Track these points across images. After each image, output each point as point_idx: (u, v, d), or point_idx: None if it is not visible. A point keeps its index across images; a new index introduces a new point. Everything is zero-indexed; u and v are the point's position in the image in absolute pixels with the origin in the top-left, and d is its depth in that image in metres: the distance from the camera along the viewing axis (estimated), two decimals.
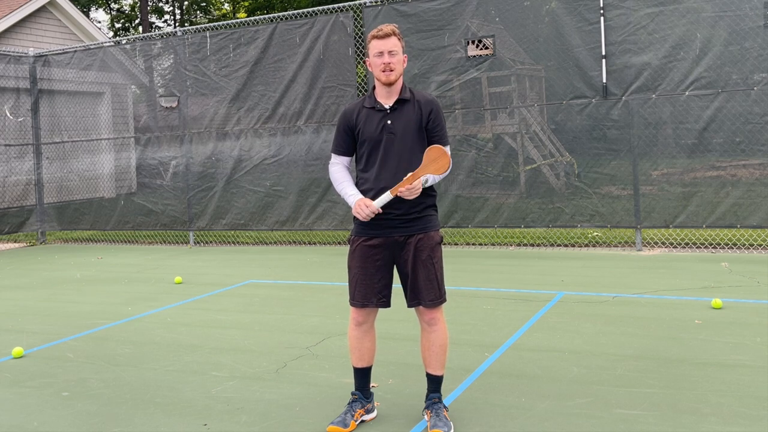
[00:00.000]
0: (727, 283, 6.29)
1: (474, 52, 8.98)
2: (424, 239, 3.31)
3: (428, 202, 3.36)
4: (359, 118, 3.38)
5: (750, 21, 7.69)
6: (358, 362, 3.47)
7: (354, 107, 3.42)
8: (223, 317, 5.89)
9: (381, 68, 3.27)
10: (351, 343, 3.47)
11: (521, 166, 9.17)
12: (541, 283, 6.66)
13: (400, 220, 3.30)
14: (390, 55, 3.27)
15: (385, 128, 3.32)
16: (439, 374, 3.44)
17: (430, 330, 3.38)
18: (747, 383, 3.77)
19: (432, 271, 3.31)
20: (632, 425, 3.30)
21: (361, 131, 3.36)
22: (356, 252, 3.40)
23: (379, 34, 3.28)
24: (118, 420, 3.68)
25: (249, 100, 10.30)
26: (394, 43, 3.28)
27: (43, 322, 6.00)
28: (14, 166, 11.87)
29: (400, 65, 3.30)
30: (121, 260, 9.57)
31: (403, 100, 3.34)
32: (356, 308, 3.40)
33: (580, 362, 4.25)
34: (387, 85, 3.32)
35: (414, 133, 3.32)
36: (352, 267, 3.42)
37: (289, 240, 10.56)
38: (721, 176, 8.03)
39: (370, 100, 3.39)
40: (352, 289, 3.41)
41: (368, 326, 3.43)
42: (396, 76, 3.29)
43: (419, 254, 3.30)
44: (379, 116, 3.34)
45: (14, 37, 14.74)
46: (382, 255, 3.35)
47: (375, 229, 3.34)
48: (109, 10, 40.11)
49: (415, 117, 3.32)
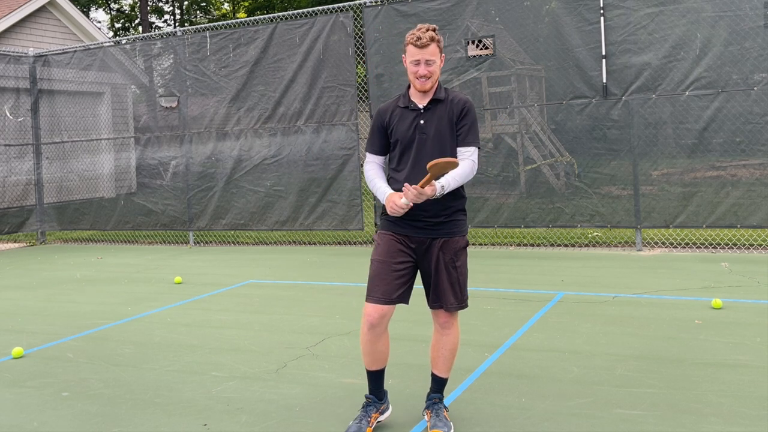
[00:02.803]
0: (727, 283, 6.29)
1: (474, 52, 8.98)
2: (449, 243, 3.27)
3: (457, 206, 3.32)
4: (393, 117, 3.34)
5: (750, 21, 7.69)
6: (372, 365, 3.35)
7: (388, 106, 3.40)
8: (223, 317, 5.89)
9: (417, 76, 3.22)
10: (364, 346, 3.30)
11: (521, 166, 9.17)
12: (541, 283, 6.66)
13: (427, 222, 3.26)
14: (427, 65, 3.21)
15: (417, 128, 3.28)
16: (444, 377, 3.42)
17: (443, 333, 3.35)
18: (747, 383, 3.77)
19: (455, 275, 3.27)
20: (632, 425, 3.30)
21: (394, 130, 3.33)
22: (381, 246, 3.31)
23: (419, 43, 3.18)
24: (118, 420, 3.68)
25: (249, 100, 10.30)
26: (433, 51, 3.20)
27: (43, 322, 6.00)
28: (14, 166, 11.87)
29: (436, 74, 3.25)
30: (121, 260, 9.57)
31: (437, 100, 3.29)
32: (371, 304, 3.23)
33: (580, 362, 4.25)
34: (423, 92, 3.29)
35: (447, 134, 3.27)
36: (375, 261, 3.31)
37: (289, 240, 10.56)
38: (721, 176, 8.03)
39: (404, 99, 3.35)
40: (371, 282, 3.27)
41: (382, 329, 3.26)
42: (432, 83, 3.25)
43: (443, 257, 3.26)
44: (413, 116, 3.30)
45: (14, 37, 14.74)
46: (407, 253, 3.29)
47: (402, 227, 3.29)
48: (109, 10, 40.11)
49: (447, 117, 3.27)
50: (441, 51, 3.28)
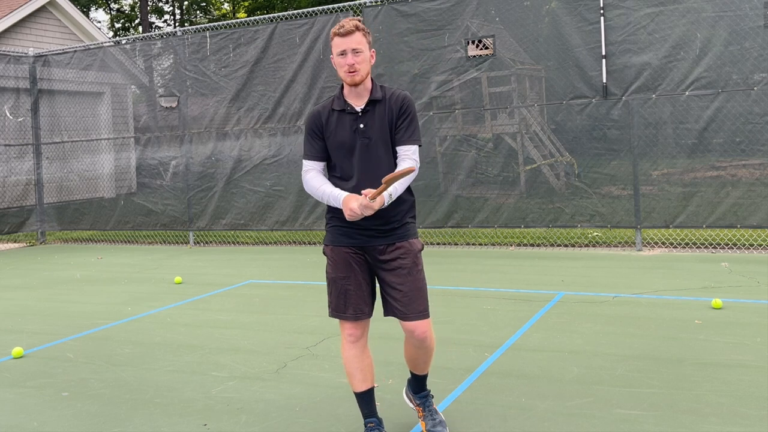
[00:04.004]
0: (727, 283, 6.29)
1: (474, 52, 8.98)
2: (406, 247, 3.07)
3: (406, 208, 3.13)
4: (329, 122, 3.09)
5: (750, 21, 7.69)
6: (362, 385, 3.12)
7: (322, 109, 3.13)
8: (223, 317, 5.89)
9: (345, 69, 2.98)
10: (350, 365, 3.10)
11: (521, 166, 9.17)
12: (541, 283, 6.66)
13: (379, 230, 3.07)
14: (354, 54, 2.97)
15: (358, 132, 3.04)
16: (425, 373, 3.29)
17: (421, 344, 3.11)
18: (747, 383, 3.77)
19: (420, 279, 3.08)
20: (632, 425, 3.30)
21: (333, 136, 3.08)
22: (340, 262, 3.10)
23: (341, 31, 2.97)
24: (118, 420, 3.68)
25: (249, 100, 10.30)
26: (358, 39, 2.98)
27: (43, 322, 6.00)
28: (14, 166, 11.87)
29: (366, 64, 3.01)
30: (121, 260, 9.57)
31: (375, 101, 3.06)
32: (349, 321, 3.07)
33: (580, 362, 4.25)
34: (354, 86, 3.05)
35: (389, 136, 3.06)
36: (337, 278, 3.09)
37: (289, 240, 10.55)
38: (721, 176, 8.02)
39: (339, 101, 3.09)
40: (341, 301, 3.08)
41: (364, 341, 3.12)
42: (361, 77, 3.00)
43: (404, 263, 3.05)
44: (351, 119, 3.06)
45: (14, 37, 14.74)
46: (365, 263, 3.12)
47: (353, 238, 3.09)
48: (109, 10, 40.12)
49: (388, 117, 3.05)
50: (370, 45, 3.07)
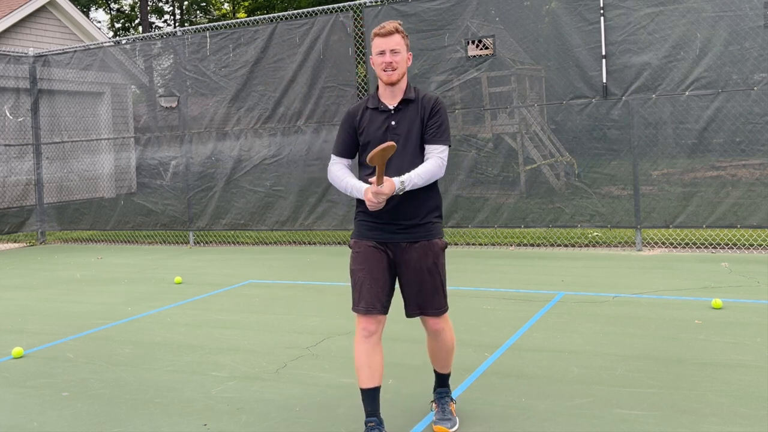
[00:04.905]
0: (727, 283, 6.29)
1: (474, 52, 8.98)
2: (428, 246, 3.20)
3: (431, 207, 3.24)
4: (363, 120, 3.25)
5: (750, 21, 7.69)
6: (369, 381, 3.17)
7: (357, 108, 3.30)
8: (223, 317, 5.89)
9: (382, 67, 3.17)
10: (359, 360, 3.18)
11: (521, 166, 9.17)
12: (541, 283, 6.66)
13: (402, 225, 3.19)
14: (392, 54, 3.15)
15: (389, 129, 3.20)
16: (446, 372, 3.46)
17: (437, 338, 3.32)
18: (747, 383, 3.77)
19: (438, 279, 3.22)
20: (632, 425, 3.30)
21: (365, 133, 3.24)
22: (360, 255, 3.23)
23: (381, 32, 3.17)
24: (118, 420, 3.68)
25: (249, 100, 10.30)
26: (397, 41, 3.17)
27: (43, 322, 6.00)
28: (14, 166, 11.87)
29: (403, 64, 3.19)
30: (121, 260, 9.57)
31: (408, 101, 3.22)
32: (362, 315, 3.18)
33: (580, 362, 4.25)
34: (390, 85, 3.20)
35: (419, 134, 3.20)
36: (357, 270, 3.23)
37: (289, 240, 10.55)
38: (721, 176, 8.02)
39: (373, 100, 3.27)
40: (356, 293, 3.20)
41: (377, 337, 3.20)
42: (398, 75, 3.18)
43: (425, 262, 3.19)
44: (383, 117, 3.22)
45: (14, 37, 14.74)
46: (386, 259, 3.22)
47: (379, 233, 3.22)
48: (109, 10, 40.11)
49: (419, 117, 3.20)
50: (407, 47, 3.23)
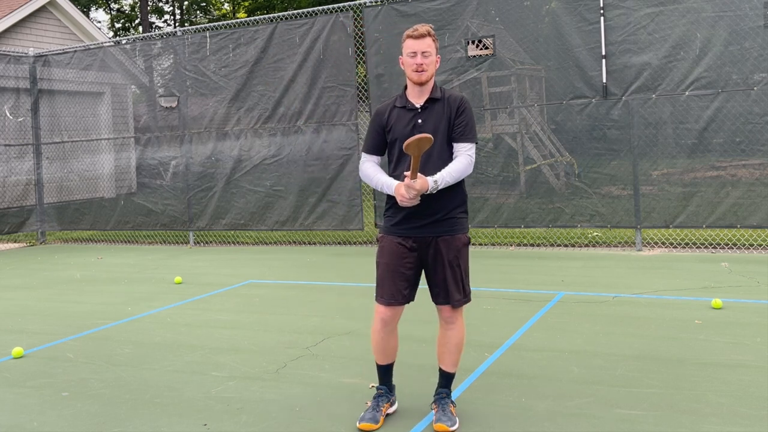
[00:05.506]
0: (727, 283, 6.29)
1: (474, 52, 8.98)
2: (451, 241, 3.36)
3: (457, 203, 3.39)
4: (390, 118, 3.42)
5: (750, 21, 7.69)
6: (383, 360, 3.51)
7: (386, 107, 3.47)
8: (223, 317, 5.89)
9: (413, 68, 3.31)
10: (376, 342, 3.47)
11: (521, 166, 9.17)
12: (541, 283, 6.66)
13: (428, 221, 3.34)
14: (423, 56, 3.31)
15: (415, 127, 3.34)
16: (451, 371, 3.51)
17: (448, 328, 3.45)
18: (747, 383, 3.77)
19: (458, 272, 3.37)
20: (632, 425, 3.30)
21: (392, 131, 3.40)
22: (385, 249, 3.41)
23: (414, 34, 3.32)
24: (118, 420, 3.68)
25: (249, 100, 10.30)
26: (429, 43, 3.32)
27: (43, 322, 6.00)
28: (14, 166, 11.87)
29: (432, 66, 3.34)
30: (121, 260, 9.57)
31: (434, 99, 3.37)
32: (382, 305, 3.40)
33: (580, 362, 4.25)
34: (418, 85, 3.36)
35: (445, 132, 3.35)
36: (381, 264, 3.43)
37: (289, 240, 10.56)
38: (721, 176, 8.02)
39: (401, 99, 3.43)
40: (379, 284, 3.43)
41: (393, 326, 3.44)
42: (428, 76, 3.33)
43: (447, 255, 3.34)
44: (410, 115, 3.38)
45: (14, 37, 14.73)
46: (411, 253, 3.38)
47: (405, 228, 3.37)
48: (109, 10, 40.12)
49: (446, 115, 3.35)
50: (437, 50, 3.39)
